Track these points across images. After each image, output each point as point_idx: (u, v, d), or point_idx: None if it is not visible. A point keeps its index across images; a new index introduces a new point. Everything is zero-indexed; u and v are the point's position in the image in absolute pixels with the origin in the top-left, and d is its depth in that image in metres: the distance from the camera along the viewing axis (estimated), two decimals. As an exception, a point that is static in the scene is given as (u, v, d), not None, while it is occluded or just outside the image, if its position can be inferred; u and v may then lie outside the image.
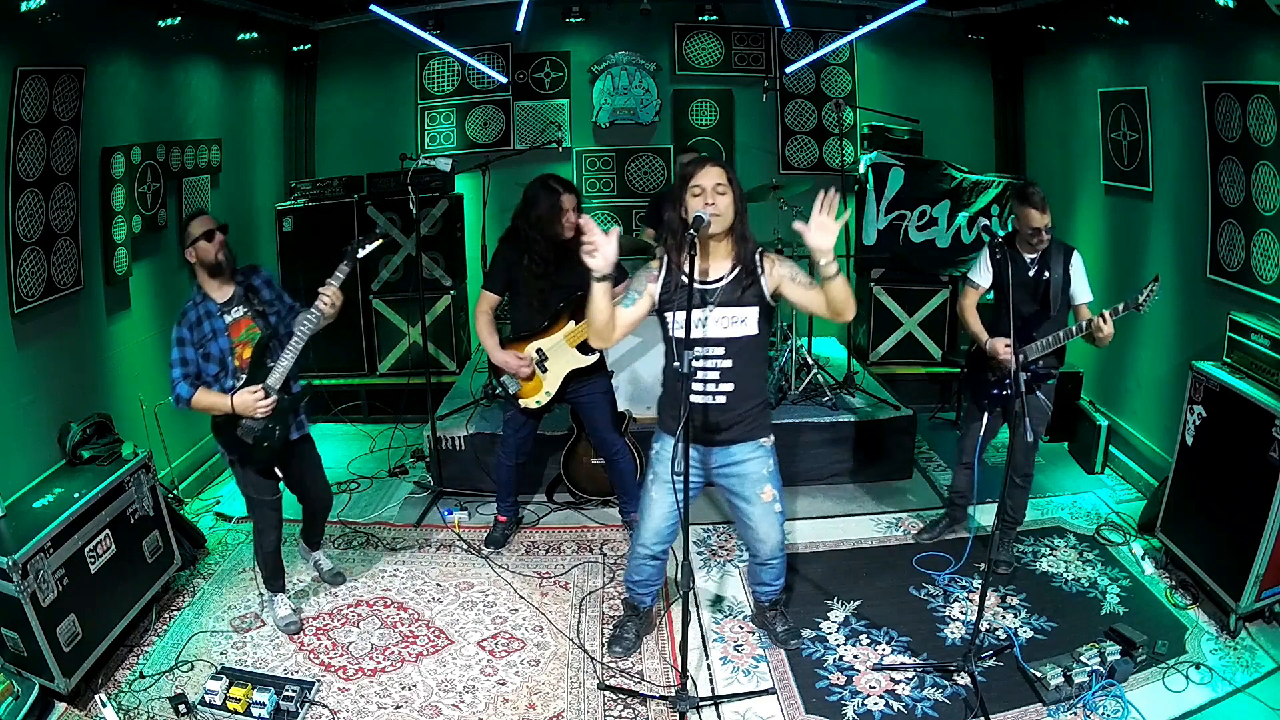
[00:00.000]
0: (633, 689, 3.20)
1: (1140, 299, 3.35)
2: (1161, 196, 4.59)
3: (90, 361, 4.12)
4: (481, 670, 3.33)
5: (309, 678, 3.23)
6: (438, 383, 5.48)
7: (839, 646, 3.43)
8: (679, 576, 2.91)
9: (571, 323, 3.87)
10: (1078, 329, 3.52)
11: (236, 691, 3.04)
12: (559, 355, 3.92)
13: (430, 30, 5.87)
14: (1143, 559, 3.95)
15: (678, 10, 6.25)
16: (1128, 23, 4.48)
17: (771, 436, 3.09)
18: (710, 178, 2.79)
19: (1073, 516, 4.44)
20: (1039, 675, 3.09)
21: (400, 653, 3.42)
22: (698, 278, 2.79)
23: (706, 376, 2.90)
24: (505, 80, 6.35)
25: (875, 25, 5.87)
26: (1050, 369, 3.68)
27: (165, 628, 3.60)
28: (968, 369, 3.97)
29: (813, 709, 3.09)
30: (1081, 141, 5.35)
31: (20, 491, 3.33)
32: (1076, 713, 3.02)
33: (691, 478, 2.87)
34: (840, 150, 6.19)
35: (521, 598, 3.80)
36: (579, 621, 3.63)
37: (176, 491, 4.55)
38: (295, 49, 6.14)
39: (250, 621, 3.63)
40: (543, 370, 3.93)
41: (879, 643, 3.45)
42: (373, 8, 5.48)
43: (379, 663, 3.36)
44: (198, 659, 3.38)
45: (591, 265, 2.66)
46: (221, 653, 3.44)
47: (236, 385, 3.21)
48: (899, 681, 3.21)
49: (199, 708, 3.05)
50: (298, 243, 5.89)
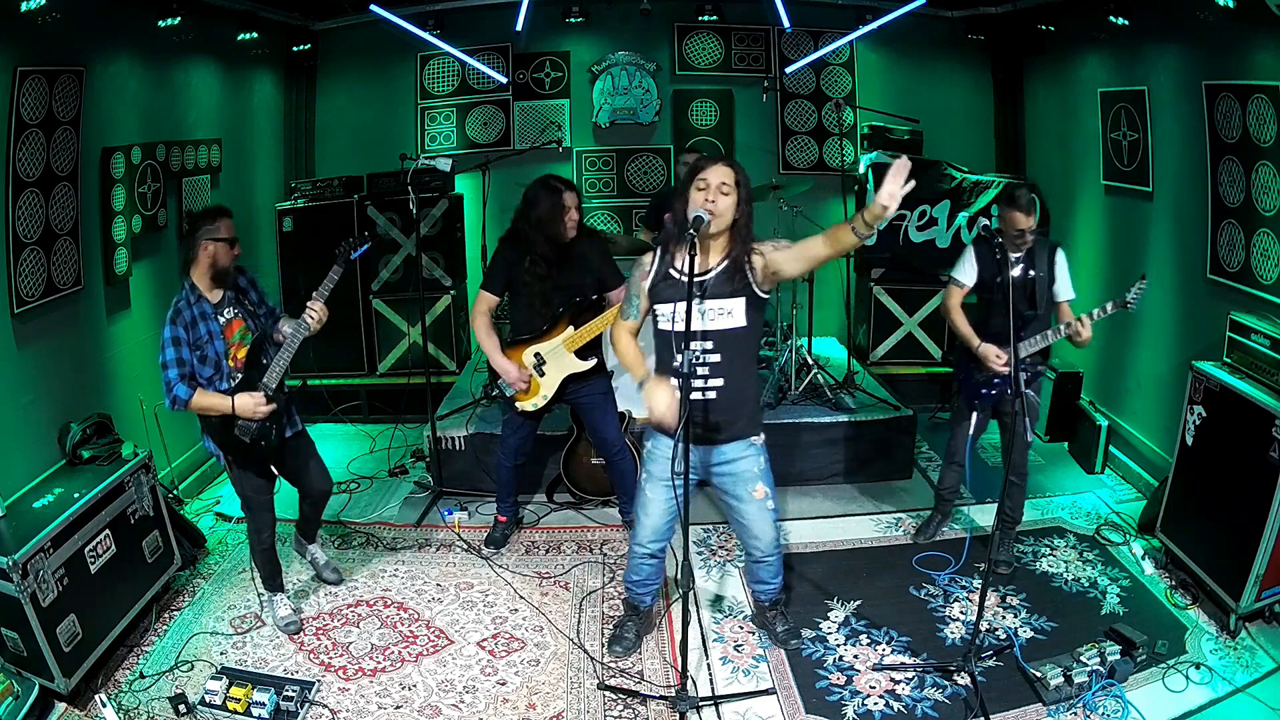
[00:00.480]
0: (633, 689, 3.20)
1: (1128, 297, 3.38)
2: (1161, 196, 4.59)
3: (90, 361, 4.13)
4: (481, 670, 3.33)
5: (309, 678, 3.24)
6: (438, 383, 5.49)
7: (839, 646, 3.43)
8: (679, 576, 2.90)
9: (570, 328, 3.87)
10: (1057, 331, 3.54)
11: (236, 691, 3.04)
12: (557, 360, 3.92)
13: (430, 30, 5.87)
14: (1143, 559, 3.95)
15: (678, 10, 6.24)
16: (1128, 23, 4.48)
17: (762, 435, 3.10)
18: (717, 175, 2.80)
19: (1073, 516, 4.44)
20: (1039, 675, 3.09)
21: (400, 653, 3.42)
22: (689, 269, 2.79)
23: (697, 372, 2.89)
24: (505, 80, 6.34)
25: (875, 25, 5.86)
26: (1037, 366, 3.69)
27: (165, 628, 3.60)
28: (955, 367, 3.99)
29: (813, 709, 3.09)
30: (1081, 141, 5.34)
31: (20, 491, 3.33)
32: (1076, 713, 3.02)
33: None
34: (840, 150, 6.19)
35: (521, 598, 3.80)
36: (579, 621, 3.63)
37: (176, 491, 4.55)
38: (295, 49, 6.14)
39: (250, 621, 3.63)
40: (540, 374, 3.93)
41: (879, 643, 3.45)
42: (373, 8, 5.47)
43: (379, 663, 3.36)
44: (198, 659, 3.38)
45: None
46: (221, 653, 3.44)
47: (231, 387, 3.21)
48: (899, 681, 3.21)
49: (199, 708, 3.05)
50: (298, 243, 5.89)
